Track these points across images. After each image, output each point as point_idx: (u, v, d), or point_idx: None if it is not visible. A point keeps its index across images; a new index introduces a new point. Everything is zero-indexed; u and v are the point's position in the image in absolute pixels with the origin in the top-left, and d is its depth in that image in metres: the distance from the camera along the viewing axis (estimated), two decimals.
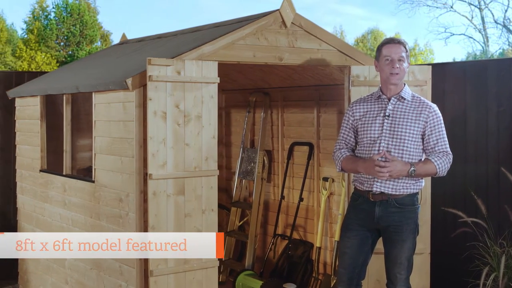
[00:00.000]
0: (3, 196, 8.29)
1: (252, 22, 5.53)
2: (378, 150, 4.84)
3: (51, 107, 6.91)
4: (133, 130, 5.14)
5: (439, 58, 49.81)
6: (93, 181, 5.77)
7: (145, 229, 5.11)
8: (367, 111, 5.00)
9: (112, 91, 5.39)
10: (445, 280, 6.47)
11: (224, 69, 7.24)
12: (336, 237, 6.72)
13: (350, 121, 5.07)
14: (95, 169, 5.76)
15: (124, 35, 8.48)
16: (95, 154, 5.76)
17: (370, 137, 4.88)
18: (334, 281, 6.69)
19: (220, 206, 8.29)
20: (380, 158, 4.77)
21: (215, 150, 5.34)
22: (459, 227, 6.05)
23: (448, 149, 4.89)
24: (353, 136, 5.07)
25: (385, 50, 4.93)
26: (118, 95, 5.33)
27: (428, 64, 6.16)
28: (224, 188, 8.49)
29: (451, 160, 4.88)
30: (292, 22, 5.67)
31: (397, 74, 4.89)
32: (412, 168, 4.74)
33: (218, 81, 5.32)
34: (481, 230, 5.93)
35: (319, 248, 7.02)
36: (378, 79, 5.80)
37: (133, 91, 5.08)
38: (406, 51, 4.92)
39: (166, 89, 5.06)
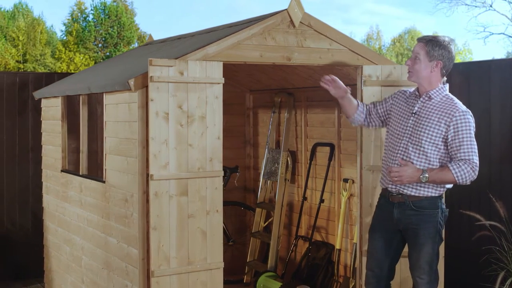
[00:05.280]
0: (34, 196, 8.37)
1: (259, 22, 5.47)
2: (400, 146, 4.76)
3: (73, 108, 6.99)
4: (136, 130, 5.15)
5: (478, 58, 48.93)
6: (104, 182, 5.82)
7: (147, 229, 5.10)
8: (402, 104, 4.95)
9: (119, 92, 5.41)
10: (460, 284, 6.29)
11: (248, 69, 7.23)
12: (355, 239, 6.61)
13: (390, 101, 5.12)
14: (105, 169, 5.80)
15: (150, 36, 8.52)
16: (105, 154, 5.79)
17: (395, 130, 4.85)
18: (353, 284, 6.58)
19: (246, 207, 8.29)
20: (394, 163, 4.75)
21: (220, 151, 5.29)
22: (476, 230, 5.87)
23: (472, 157, 4.52)
24: (381, 109, 5.15)
25: None
26: (124, 96, 5.35)
27: None
28: (251, 189, 8.45)
29: (474, 169, 4.51)
30: (300, 22, 5.57)
31: (409, 72, 4.83)
32: (425, 175, 4.54)
33: (223, 82, 5.26)
34: (499, 233, 5.75)
35: (339, 250, 6.92)
36: (391, 79, 5.71)
37: (135, 91, 5.08)
38: (426, 49, 4.72)
39: (169, 90, 5.03)
